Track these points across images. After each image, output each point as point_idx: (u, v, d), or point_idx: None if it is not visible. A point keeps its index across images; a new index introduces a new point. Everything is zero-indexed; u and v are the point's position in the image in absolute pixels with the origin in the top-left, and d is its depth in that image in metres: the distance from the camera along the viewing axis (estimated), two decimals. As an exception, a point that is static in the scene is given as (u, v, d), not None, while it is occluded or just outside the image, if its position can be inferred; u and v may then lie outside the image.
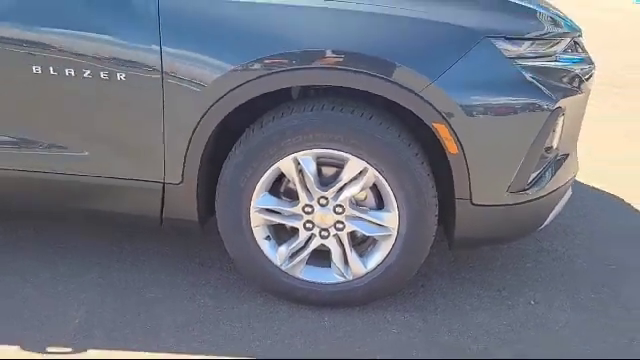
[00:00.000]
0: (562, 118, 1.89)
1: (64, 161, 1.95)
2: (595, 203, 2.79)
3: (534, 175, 1.90)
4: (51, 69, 1.81)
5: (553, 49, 1.92)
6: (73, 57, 1.80)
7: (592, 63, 2.09)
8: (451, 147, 1.77)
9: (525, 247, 2.36)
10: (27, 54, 1.82)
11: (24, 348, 1.78)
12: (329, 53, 1.75)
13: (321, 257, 1.98)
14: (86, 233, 2.37)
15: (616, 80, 4.89)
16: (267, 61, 1.75)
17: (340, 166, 1.85)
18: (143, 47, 1.78)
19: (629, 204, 2.80)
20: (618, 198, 2.85)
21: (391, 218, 1.87)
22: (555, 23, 1.99)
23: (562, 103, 1.85)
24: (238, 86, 1.77)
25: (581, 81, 1.98)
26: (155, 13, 1.77)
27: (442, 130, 1.76)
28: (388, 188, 1.84)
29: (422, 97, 1.74)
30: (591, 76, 2.05)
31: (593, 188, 2.92)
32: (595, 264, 2.30)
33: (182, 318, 1.94)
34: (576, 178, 2.22)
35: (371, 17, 1.79)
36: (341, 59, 1.76)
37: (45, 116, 1.92)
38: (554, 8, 2.17)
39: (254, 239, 1.95)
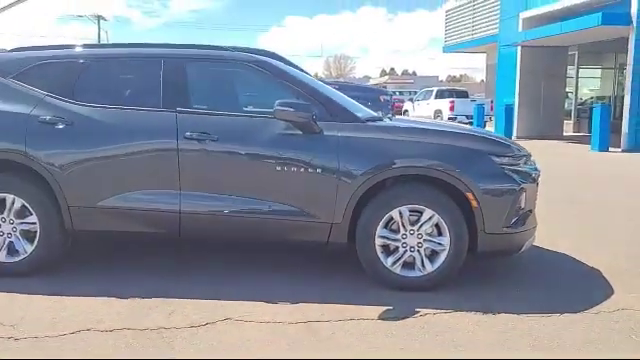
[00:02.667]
0: (524, 193, 3.91)
1: (284, 211, 3.88)
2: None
3: (514, 219, 3.87)
4: (294, 169, 3.81)
5: (518, 161, 3.99)
6: (300, 164, 3.81)
7: (539, 170, 4.16)
8: (474, 204, 3.76)
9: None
10: (281, 163, 3.83)
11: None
12: (424, 161, 3.80)
13: (409, 263, 3.86)
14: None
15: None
16: (387, 166, 3.79)
17: (421, 212, 3.80)
18: (330, 162, 3.80)
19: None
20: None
21: (445, 240, 3.79)
22: (519, 149, 4.09)
23: (524, 186, 3.88)
24: (368, 180, 3.78)
25: (533, 177, 4.04)
26: (336, 146, 3.83)
27: (470, 196, 3.76)
28: (444, 224, 3.78)
29: (461, 180, 3.76)
30: (538, 176, 4.12)
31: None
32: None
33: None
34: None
35: (435, 146, 3.87)
36: (427, 167, 3.80)
37: (284, 192, 3.87)
38: (516, 143, 4.28)
39: (376, 252, 3.83)
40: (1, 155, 3.99)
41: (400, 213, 3.79)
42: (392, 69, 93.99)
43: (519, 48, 18.99)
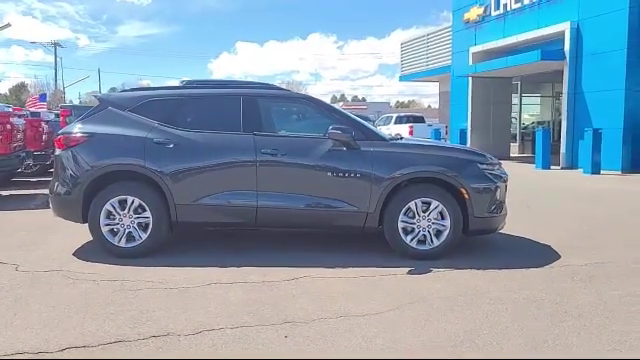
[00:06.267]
0: (499, 189, 5.64)
1: (334, 205, 5.45)
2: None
3: (493, 207, 5.59)
4: (340, 174, 5.40)
5: (494, 167, 5.73)
6: (345, 171, 5.41)
7: (507, 174, 5.91)
8: (467, 196, 5.44)
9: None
10: (331, 170, 5.40)
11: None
12: (431, 168, 5.46)
13: (421, 240, 5.50)
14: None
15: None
16: (404, 172, 5.44)
17: (429, 203, 5.45)
18: (366, 169, 5.41)
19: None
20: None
21: (447, 223, 5.45)
22: (492, 159, 5.83)
23: (499, 184, 5.62)
24: (393, 181, 5.42)
25: (504, 179, 5.77)
26: (370, 158, 5.45)
27: (463, 190, 5.44)
28: (446, 212, 5.44)
29: (457, 180, 5.44)
30: (507, 178, 5.87)
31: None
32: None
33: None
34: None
35: (440, 157, 5.56)
36: (431, 171, 5.47)
37: (333, 191, 5.42)
38: (489, 155, 6.02)
39: (399, 232, 5.45)
40: (127, 167, 5.42)
41: (415, 204, 5.43)
42: (342, 95, 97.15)
43: (470, 79, 21.31)
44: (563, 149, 17.07)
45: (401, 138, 6.22)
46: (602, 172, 14.86)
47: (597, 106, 16.01)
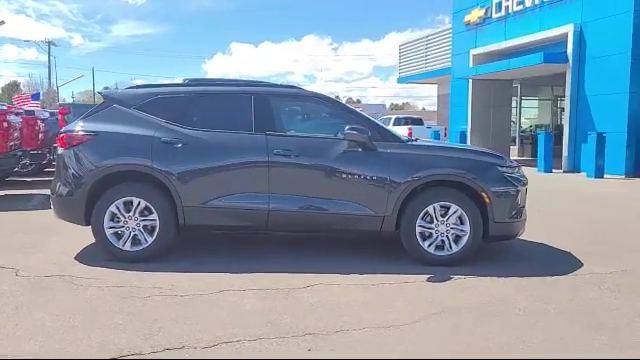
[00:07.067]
0: (520, 193, 5.43)
1: (349, 208, 5.22)
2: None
3: (514, 212, 5.37)
4: (357, 176, 5.17)
5: (514, 170, 5.51)
6: (361, 173, 5.18)
7: (526, 177, 5.70)
8: (487, 200, 5.23)
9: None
10: (347, 172, 5.18)
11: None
12: (451, 170, 5.24)
13: (440, 245, 5.28)
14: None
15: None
16: (422, 175, 5.22)
17: (448, 208, 5.24)
18: (383, 171, 5.19)
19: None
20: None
21: (467, 228, 5.23)
22: (512, 161, 5.62)
23: (520, 188, 5.40)
24: (411, 184, 5.19)
25: (524, 182, 5.56)
26: (387, 159, 5.22)
27: (484, 194, 5.23)
28: (465, 216, 5.22)
29: (478, 184, 5.23)
30: (527, 181, 5.65)
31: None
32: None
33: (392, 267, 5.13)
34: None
35: (459, 159, 5.34)
36: (451, 174, 5.25)
37: (350, 194, 5.19)
38: (509, 158, 5.81)
39: (416, 237, 5.23)
40: (133, 167, 5.17)
41: (434, 208, 5.22)
42: (337, 97, 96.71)
43: (470, 81, 21.15)
44: (565, 152, 16.92)
45: (416, 139, 6.01)
46: (605, 176, 14.72)
47: (600, 110, 15.87)
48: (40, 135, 12.06)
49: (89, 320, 3.77)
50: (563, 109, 24.26)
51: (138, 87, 5.72)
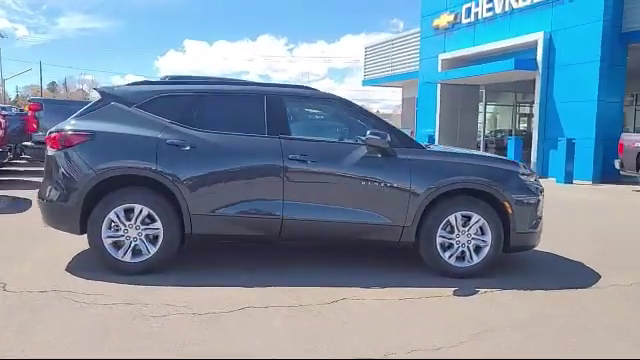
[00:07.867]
0: (540, 202, 5.28)
1: (367, 217, 4.93)
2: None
3: (534, 222, 5.21)
4: (376, 184, 4.89)
5: (532, 178, 5.36)
6: (380, 180, 4.90)
7: (542, 185, 5.56)
8: (510, 210, 5.05)
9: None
10: (366, 179, 4.88)
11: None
12: (475, 178, 5.03)
13: (460, 257, 5.06)
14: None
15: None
16: (445, 183, 4.98)
17: (469, 217, 5.03)
18: (403, 178, 4.93)
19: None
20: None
21: (488, 238, 5.03)
22: (528, 169, 5.46)
23: (539, 197, 5.25)
24: (433, 192, 4.96)
25: (541, 190, 5.41)
26: (408, 166, 4.97)
27: (507, 203, 5.05)
28: (487, 226, 5.03)
29: (501, 193, 5.04)
30: (544, 189, 5.51)
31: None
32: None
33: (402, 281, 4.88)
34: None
35: (480, 167, 5.13)
36: (474, 182, 5.03)
37: (369, 202, 4.91)
38: (525, 165, 5.67)
39: (437, 248, 5.00)
40: (135, 171, 4.72)
41: (455, 217, 4.99)
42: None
43: (439, 85, 21.25)
44: (534, 158, 17.16)
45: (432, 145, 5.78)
46: (575, 182, 14.98)
47: (569, 116, 16.15)
48: (0, 132, 11.24)
49: (103, 344, 3.34)
50: (524, 115, 24.88)
51: (139, 84, 5.25)
